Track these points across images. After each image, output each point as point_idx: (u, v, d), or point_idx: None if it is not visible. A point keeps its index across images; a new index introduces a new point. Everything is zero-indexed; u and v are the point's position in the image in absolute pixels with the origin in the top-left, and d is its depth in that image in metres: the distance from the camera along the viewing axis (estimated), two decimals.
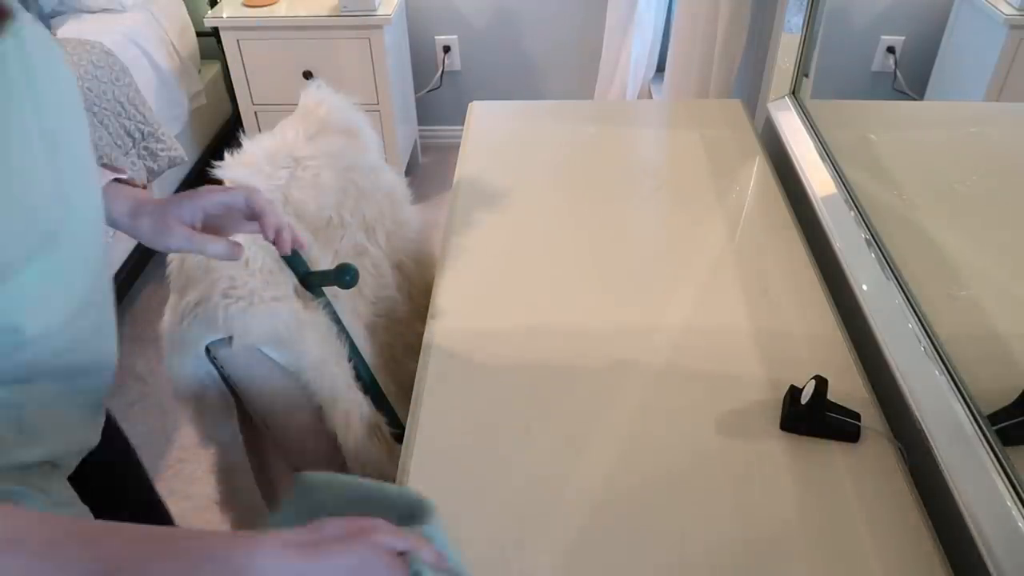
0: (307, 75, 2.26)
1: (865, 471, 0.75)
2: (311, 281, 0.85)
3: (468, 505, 0.73)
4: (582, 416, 0.82)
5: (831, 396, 0.77)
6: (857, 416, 0.78)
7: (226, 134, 2.64)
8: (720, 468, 0.75)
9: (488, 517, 0.72)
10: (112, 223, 0.70)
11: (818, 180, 1.10)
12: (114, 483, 0.80)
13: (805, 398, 0.77)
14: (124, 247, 2.09)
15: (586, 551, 0.69)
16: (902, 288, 0.87)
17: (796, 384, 0.81)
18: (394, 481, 0.77)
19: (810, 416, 0.78)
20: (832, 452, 0.77)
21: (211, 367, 0.74)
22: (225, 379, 0.75)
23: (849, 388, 0.84)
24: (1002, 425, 0.67)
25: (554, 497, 0.74)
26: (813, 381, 0.77)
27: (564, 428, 0.81)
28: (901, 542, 0.68)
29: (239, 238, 0.68)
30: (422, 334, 0.94)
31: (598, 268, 1.04)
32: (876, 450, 0.77)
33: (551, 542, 0.70)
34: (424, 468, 0.77)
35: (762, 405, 0.82)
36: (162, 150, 2.14)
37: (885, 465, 0.75)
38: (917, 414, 0.74)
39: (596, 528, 0.71)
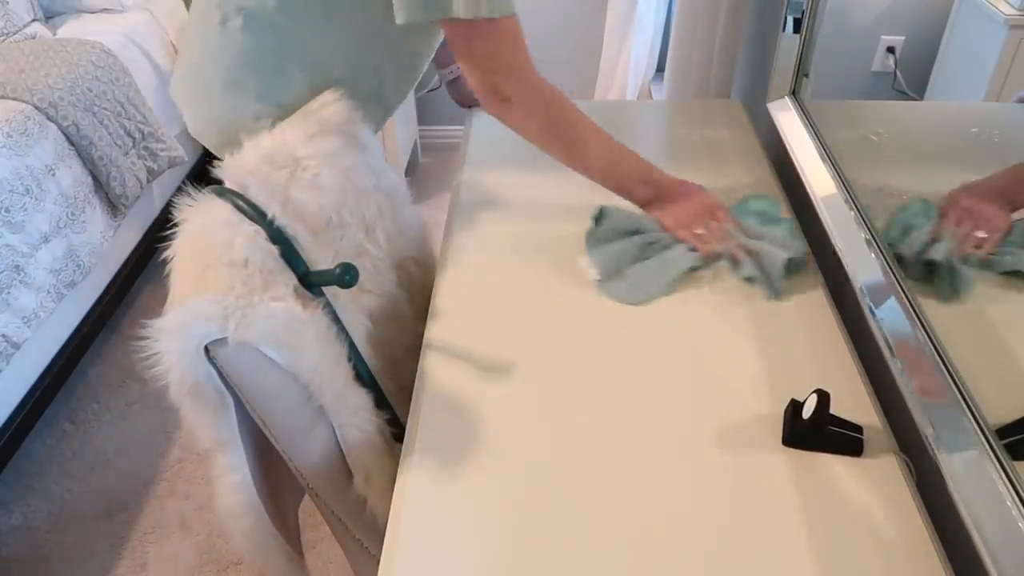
0: None
1: (870, 485, 0.74)
2: (311, 281, 0.85)
3: (467, 506, 0.73)
4: (582, 417, 0.82)
5: (834, 407, 0.77)
6: (860, 430, 0.77)
7: None
8: (721, 483, 0.75)
9: (487, 518, 0.72)
10: None
11: (818, 180, 1.10)
12: None
13: (807, 413, 0.77)
14: (124, 246, 2.09)
15: (584, 558, 0.69)
16: (903, 289, 0.86)
17: (797, 397, 0.81)
18: (394, 481, 0.77)
19: (812, 431, 0.77)
20: (835, 466, 0.76)
21: (210, 367, 0.74)
22: (224, 379, 0.75)
23: (852, 396, 0.84)
24: (1011, 440, 0.66)
25: (553, 500, 0.74)
26: (815, 395, 0.76)
27: (564, 430, 0.81)
28: (907, 558, 0.68)
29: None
30: (422, 334, 0.94)
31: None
32: (880, 463, 0.76)
33: (549, 546, 0.70)
34: (424, 468, 0.77)
35: (763, 418, 0.82)
36: (162, 150, 2.14)
37: (890, 479, 0.75)
38: (922, 425, 0.73)
39: (594, 536, 0.71)
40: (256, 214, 0.83)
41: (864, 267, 0.93)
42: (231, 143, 1.07)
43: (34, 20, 2.19)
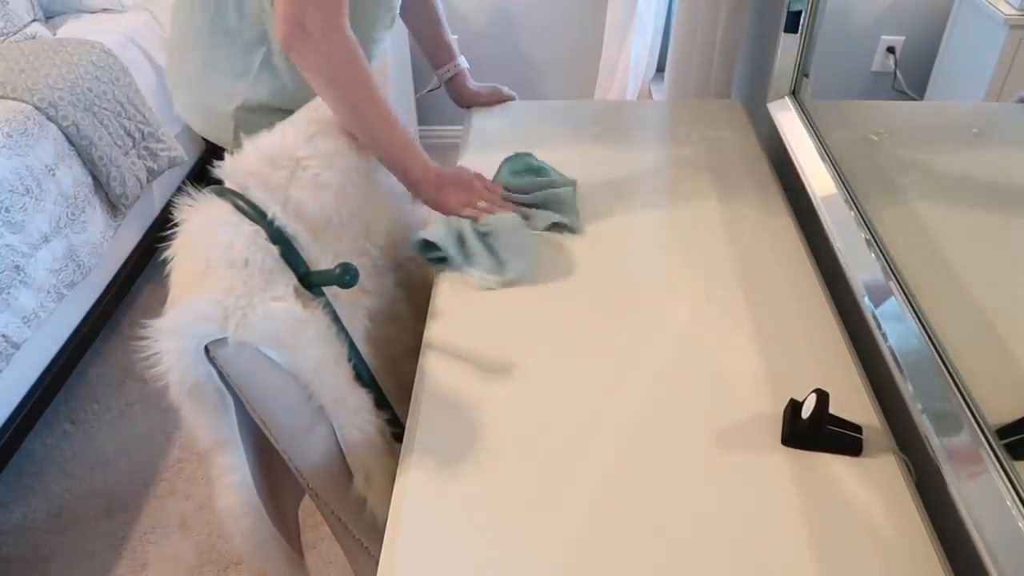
0: None
1: (869, 485, 0.74)
2: (311, 281, 0.85)
3: (467, 506, 0.73)
4: (581, 417, 0.82)
5: (833, 407, 0.76)
6: (859, 429, 0.77)
7: None
8: (721, 483, 0.75)
9: (487, 518, 0.72)
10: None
11: (818, 180, 1.10)
12: None
13: (806, 412, 0.77)
14: (124, 246, 2.09)
15: (584, 558, 0.69)
16: (903, 289, 0.87)
17: (796, 397, 0.81)
18: (394, 481, 0.77)
19: (812, 431, 0.77)
20: (835, 466, 0.76)
21: (210, 367, 0.74)
22: (224, 379, 0.75)
23: (851, 396, 0.84)
24: (1011, 440, 0.66)
25: (553, 500, 0.74)
26: (814, 395, 0.76)
27: (563, 430, 0.81)
28: (907, 558, 0.68)
29: None
30: (422, 334, 0.94)
31: (596, 270, 1.04)
32: (879, 463, 0.76)
33: (549, 546, 0.70)
34: (424, 468, 0.77)
35: (762, 417, 0.81)
36: (162, 150, 2.14)
37: (889, 478, 0.75)
38: (922, 426, 0.73)
39: (594, 536, 0.71)
40: (256, 214, 0.83)
41: (864, 267, 0.94)
42: (213, 123, 1.22)
43: (34, 20, 2.20)
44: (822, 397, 0.76)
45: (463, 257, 1.03)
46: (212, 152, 2.56)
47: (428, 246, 1.05)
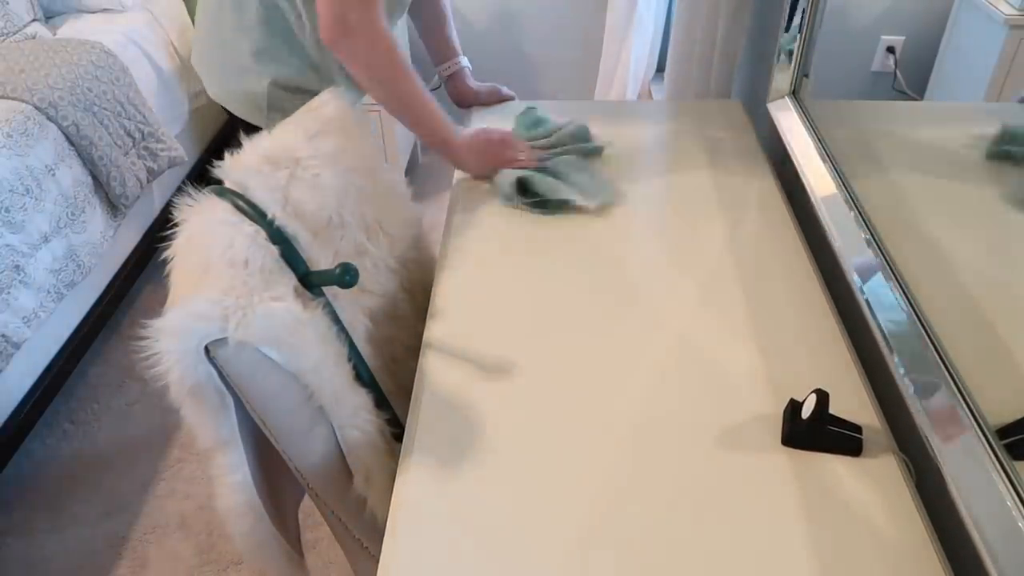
0: None
1: (869, 485, 0.74)
2: (311, 281, 0.85)
3: (466, 506, 0.73)
4: (581, 417, 0.82)
5: (833, 407, 0.77)
6: (859, 429, 0.77)
7: (226, 134, 2.64)
8: (720, 484, 0.75)
9: (487, 518, 0.72)
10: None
11: (818, 180, 1.10)
12: None
13: (806, 413, 0.77)
14: (124, 246, 2.09)
15: (583, 558, 0.69)
16: (903, 289, 0.87)
17: (796, 397, 0.81)
18: (394, 481, 0.77)
19: (811, 431, 0.77)
20: (834, 466, 0.76)
21: (210, 367, 0.74)
22: (224, 379, 0.75)
23: (851, 396, 0.84)
24: (1011, 440, 0.66)
25: (552, 502, 0.74)
26: (814, 395, 0.76)
27: (563, 429, 0.81)
28: (907, 558, 0.68)
29: None
30: (422, 334, 0.95)
31: (597, 269, 1.04)
32: (880, 463, 0.76)
33: (549, 545, 0.70)
34: (424, 468, 0.77)
35: (762, 418, 0.81)
36: (162, 150, 2.14)
37: (889, 479, 0.75)
38: (921, 426, 0.73)
39: (593, 535, 0.71)
40: (256, 214, 0.83)
41: (863, 267, 0.93)
42: (256, 107, 1.29)
43: (34, 20, 2.19)
44: (822, 397, 0.76)
45: (559, 187, 1.15)
46: (212, 152, 2.56)
47: (522, 191, 1.16)
